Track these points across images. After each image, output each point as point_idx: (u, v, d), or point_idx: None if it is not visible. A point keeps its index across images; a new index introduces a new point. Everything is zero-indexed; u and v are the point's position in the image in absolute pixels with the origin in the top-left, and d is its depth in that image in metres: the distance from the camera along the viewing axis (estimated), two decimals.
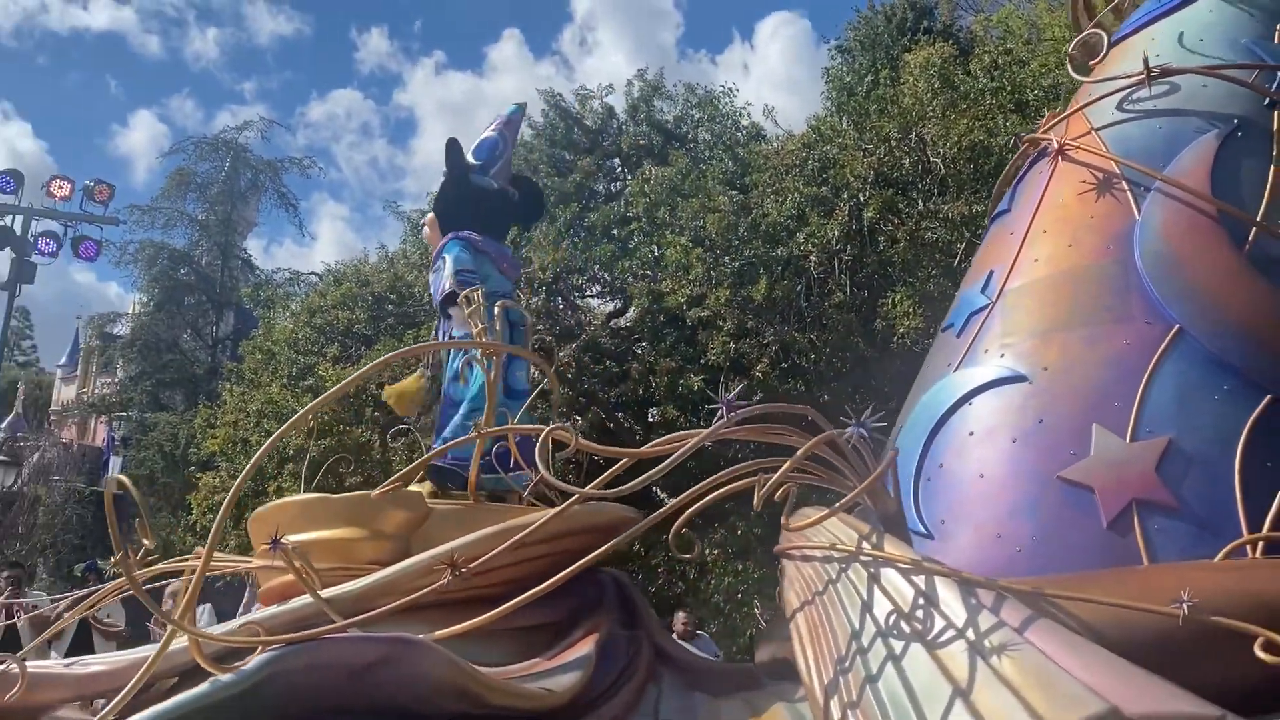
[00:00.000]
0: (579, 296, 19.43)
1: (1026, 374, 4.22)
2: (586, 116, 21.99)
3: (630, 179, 20.18)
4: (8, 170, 21.76)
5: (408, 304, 18.48)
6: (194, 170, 33.37)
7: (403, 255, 20.75)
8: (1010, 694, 2.86)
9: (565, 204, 19.37)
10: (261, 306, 23.27)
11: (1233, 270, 4.13)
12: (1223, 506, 3.69)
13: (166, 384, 31.67)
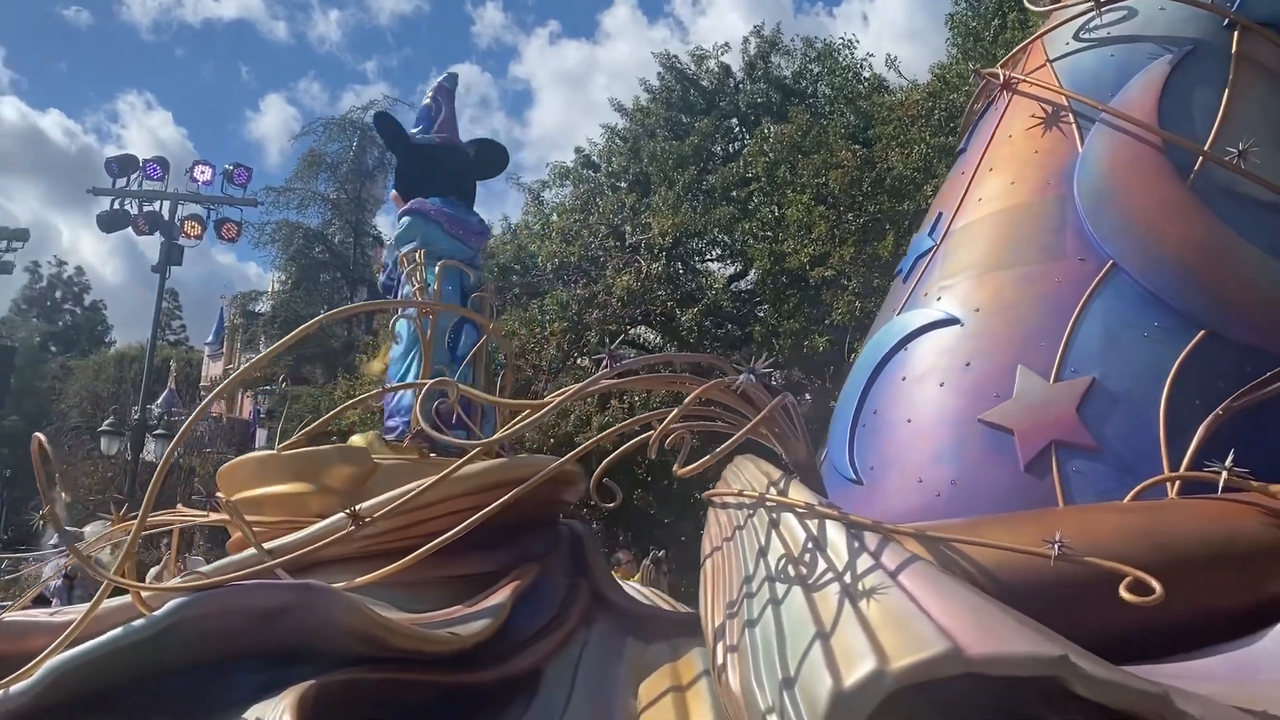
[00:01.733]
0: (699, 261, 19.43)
1: (960, 316, 4.13)
2: (702, 77, 21.83)
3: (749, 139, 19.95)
4: (155, 158, 22.59)
5: (531, 274, 18.73)
6: (324, 151, 34.42)
7: (525, 226, 21.05)
8: (865, 635, 2.83)
9: (683, 167, 19.25)
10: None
11: (1173, 202, 3.95)
12: (1146, 447, 3.57)
13: (307, 358, 32.90)
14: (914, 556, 3.15)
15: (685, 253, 18.35)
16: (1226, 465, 3.25)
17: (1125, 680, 2.60)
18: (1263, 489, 3.20)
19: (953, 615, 2.84)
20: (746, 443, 3.83)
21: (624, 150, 24.33)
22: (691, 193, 19.51)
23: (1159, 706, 2.59)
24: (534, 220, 20.69)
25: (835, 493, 4.26)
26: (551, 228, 20.21)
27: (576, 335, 18.99)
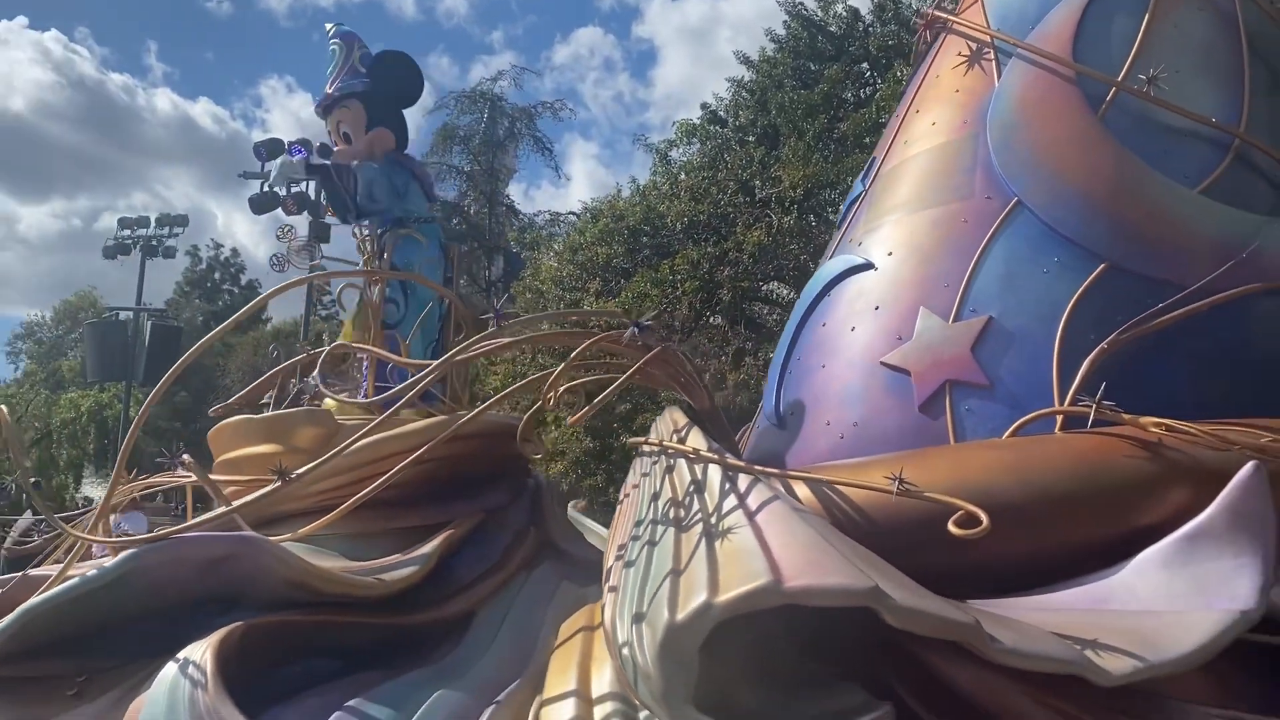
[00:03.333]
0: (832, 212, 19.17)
1: (876, 261, 4.16)
2: (830, 23, 21.36)
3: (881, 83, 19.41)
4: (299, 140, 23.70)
5: (661, 235, 18.79)
6: (456, 124, 35.35)
7: (653, 187, 21.10)
8: (707, 571, 2.97)
9: (812, 117, 18.83)
10: (527, 249, 24.58)
11: (1080, 135, 3.88)
12: (1039, 383, 3.58)
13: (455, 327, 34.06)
14: (774, 497, 3.27)
15: (818, 205, 17.96)
16: (1097, 399, 3.25)
17: (935, 610, 2.69)
18: (1134, 421, 3.19)
19: (788, 551, 2.96)
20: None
21: (751, 103, 23.88)
22: (822, 142, 19.00)
23: (969, 635, 2.67)
24: (662, 180, 20.64)
25: (763, 437, 4.40)
26: (680, 186, 20.06)
27: (708, 294, 18.89)
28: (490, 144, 35.20)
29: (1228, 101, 3.92)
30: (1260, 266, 3.70)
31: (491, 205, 35.75)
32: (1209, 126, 3.83)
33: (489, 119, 35.17)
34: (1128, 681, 2.67)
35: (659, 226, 18.52)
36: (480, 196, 35.70)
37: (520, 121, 35.67)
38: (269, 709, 3.51)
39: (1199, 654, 2.72)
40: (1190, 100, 3.88)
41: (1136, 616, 2.90)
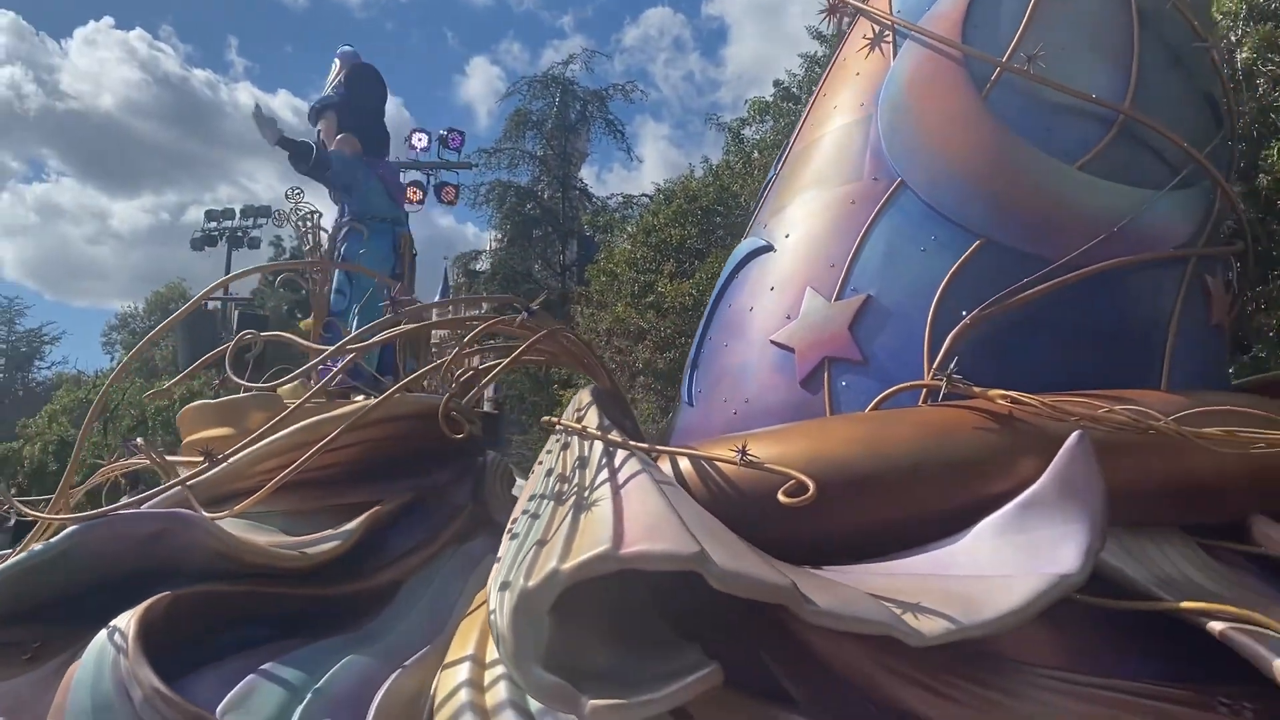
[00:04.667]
0: None
1: (775, 243, 4.29)
2: None
3: None
4: None
5: (735, 214, 18.76)
6: (529, 109, 35.80)
7: (726, 166, 21.04)
8: (564, 541, 3.16)
9: None
10: (600, 231, 24.86)
11: (963, 115, 3.96)
12: (912, 358, 3.70)
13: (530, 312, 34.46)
14: (641, 471, 3.45)
15: None
16: (948, 373, 3.37)
17: (753, 574, 2.85)
18: (983, 394, 3.30)
19: (634, 520, 3.15)
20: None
21: None
22: None
23: (785, 598, 2.83)
24: (735, 159, 20.55)
25: (679, 415, 4.57)
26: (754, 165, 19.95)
27: None
28: (562, 128, 35.45)
29: (1115, 77, 3.97)
30: (1139, 240, 3.77)
31: (565, 189, 36.04)
32: (1091, 103, 3.88)
33: (561, 103, 35.42)
34: (940, 642, 2.81)
35: (733, 206, 18.42)
36: (553, 181, 35.99)
37: (592, 105, 35.91)
38: (196, 673, 3.80)
39: (1014, 616, 2.84)
40: (1077, 77, 3.94)
41: (966, 581, 3.03)
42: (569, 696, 2.97)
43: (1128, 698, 2.97)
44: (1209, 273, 3.99)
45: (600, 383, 4.09)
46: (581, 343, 4.07)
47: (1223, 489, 3.41)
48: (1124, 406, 3.11)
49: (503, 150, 35.10)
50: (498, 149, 35.23)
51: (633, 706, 2.92)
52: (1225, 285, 4.11)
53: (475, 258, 38.34)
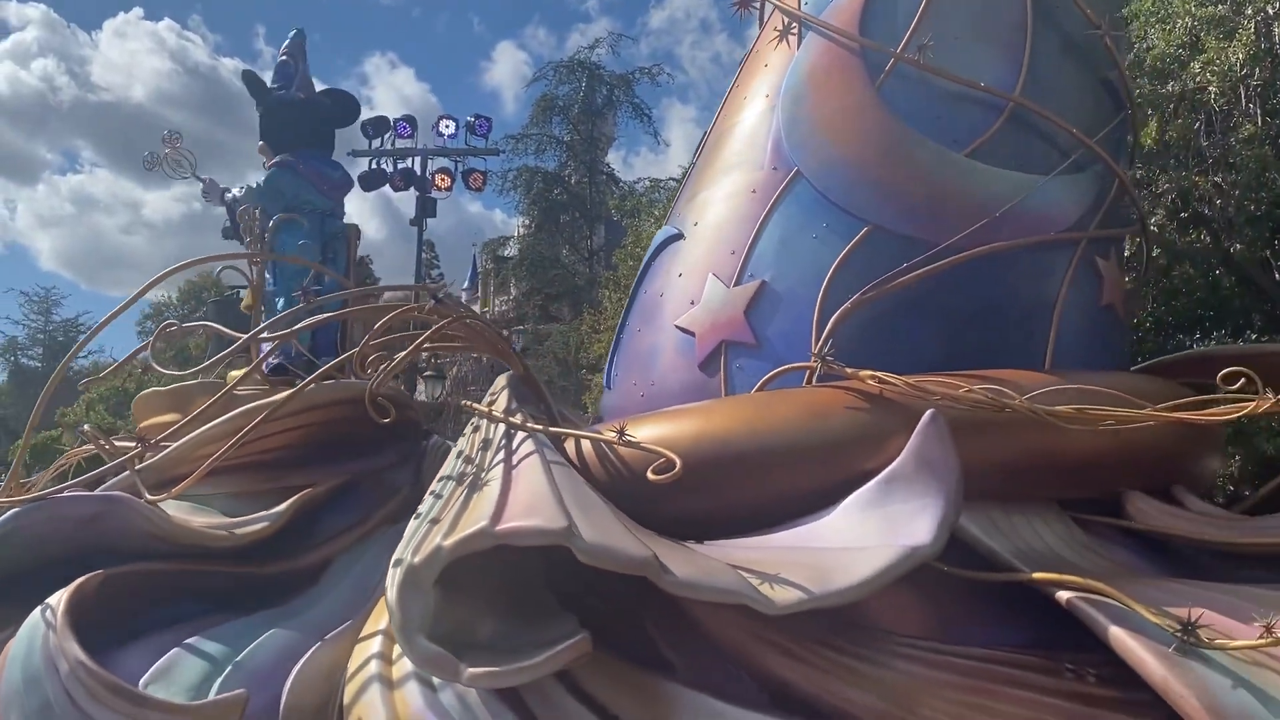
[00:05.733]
0: None
1: (685, 231, 4.43)
2: None
3: None
4: (404, 117, 24.20)
5: None
6: (556, 94, 35.80)
7: None
8: (452, 519, 3.32)
9: None
10: (628, 216, 24.84)
11: (857, 106, 4.08)
12: (801, 341, 3.83)
13: (554, 297, 34.50)
14: (534, 451, 3.61)
15: None
16: (821, 354, 3.51)
17: (616, 547, 3.01)
18: (855, 375, 3.44)
19: (518, 499, 3.32)
20: None
21: None
22: None
23: (646, 570, 2.98)
24: None
25: (603, 398, 4.73)
26: None
27: None
28: (589, 113, 35.33)
29: (1007, 66, 4.07)
30: (1027, 223, 3.89)
31: (592, 174, 36.02)
32: (981, 91, 3.99)
33: (587, 88, 35.32)
34: (792, 611, 2.96)
35: None
36: (580, 166, 36.00)
37: (618, 89, 35.80)
38: (126, 646, 4.00)
39: (865, 586, 2.98)
40: (969, 67, 4.04)
41: (825, 553, 3.17)
42: (449, 665, 3.14)
43: (981, 664, 3.11)
44: (1101, 254, 4.10)
45: (514, 368, 4.24)
46: (493, 329, 4.22)
47: (1095, 466, 3.53)
48: (982, 386, 3.23)
49: (530, 136, 35.09)
50: (525, 135, 35.22)
51: (507, 673, 3.10)
52: (1120, 266, 4.22)
53: (503, 244, 38.41)
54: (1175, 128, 12.33)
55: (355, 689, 3.72)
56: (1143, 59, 12.52)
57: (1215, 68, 12.06)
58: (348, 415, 5.01)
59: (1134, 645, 2.83)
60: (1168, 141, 12.31)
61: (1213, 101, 12.43)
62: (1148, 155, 12.20)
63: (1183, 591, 3.15)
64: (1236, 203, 12.45)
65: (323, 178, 6.22)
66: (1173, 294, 11.78)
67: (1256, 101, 12.31)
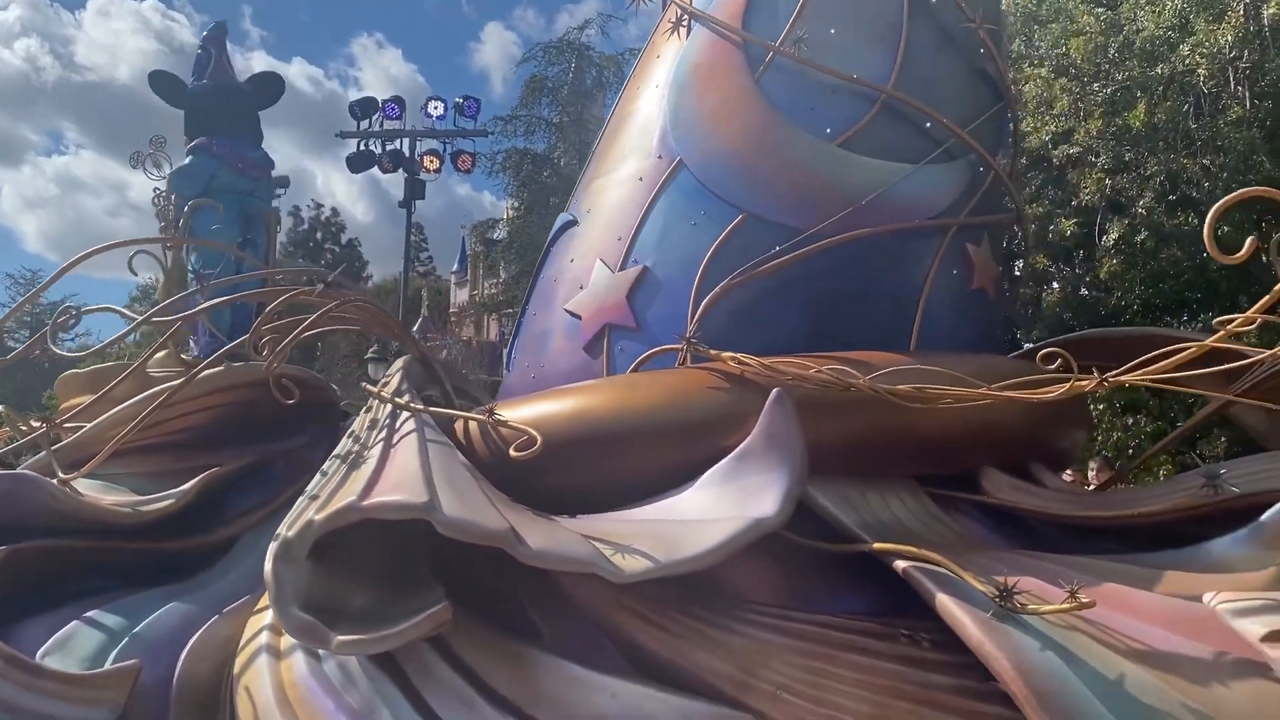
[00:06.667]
0: None
1: (578, 218, 4.57)
2: None
3: None
4: (392, 98, 24.03)
5: None
6: (545, 76, 35.60)
7: None
8: (327, 495, 3.47)
9: None
10: None
11: (736, 97, 4.22)
12: (679, 325, 3.98)
13: None
14: (414, 430, 3.75)
15: None
16: (687, 337, 3.67)
17: (472, 520, 3.16)
18: (717, 356, 3.59)
19: (389, 475, 3.47)
20: None
21: None
22: None
23: (502, 542, 3.14)
24: None
25: (505, 380, 4.87)
26: None
27: None
28: (578, 94, 35.14)
29: (883, 58, 4.22)
30: (897, 211, 4.05)
31: (581, 156, 35.77)
32: (854, 83, 4.14)
33: (576, 69, 35.15)
34: (640, 579, 3.12)
35: None
36: (570, 148, 35.85)
37: (607, 70, 35.58)
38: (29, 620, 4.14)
39: (711, 555, 3.15)
40: (846, 59, 4.19)
41: (678, 525, 3.34)
42: (320, 634, 3.29)
43: (822, 630, 3.28)
44: (972, 241, 4.26)
45: (410, 350, 4.39)
46: (385, 313, 4.36)
47: (949, 443, 3.70)
48: (830, 366, 3.39)
49: (519, 117, 34.91)
50: (514, 116, 35.03)
51: (372, 640, 3.25)
52: (993, 252, 4.38)
53: (492, 226, 38.29)
54: (1164, 110, 12.47)
55: (245, 659, 3.87)
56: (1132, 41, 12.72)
57: (1204, 50, 12.19)
58: (255, 397, 5.15)
59: (955, 610, 3.00)
60: (1156, 124, 12.47)
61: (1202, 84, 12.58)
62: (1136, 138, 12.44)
63: (1015, 561, 3.33)
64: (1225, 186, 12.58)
65: (238, 158, 6.33)
66: (1160, 276, 11.92)
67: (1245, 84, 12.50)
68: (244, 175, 6.34)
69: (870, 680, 3.14)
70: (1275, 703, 2.84)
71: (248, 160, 6.43)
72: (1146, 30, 13.00)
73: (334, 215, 55.75)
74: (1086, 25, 13.19)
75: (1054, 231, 12.59)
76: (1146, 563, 3.39)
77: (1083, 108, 12.94)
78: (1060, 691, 2.83)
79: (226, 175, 6.23)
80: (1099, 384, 3.18)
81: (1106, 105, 12.79)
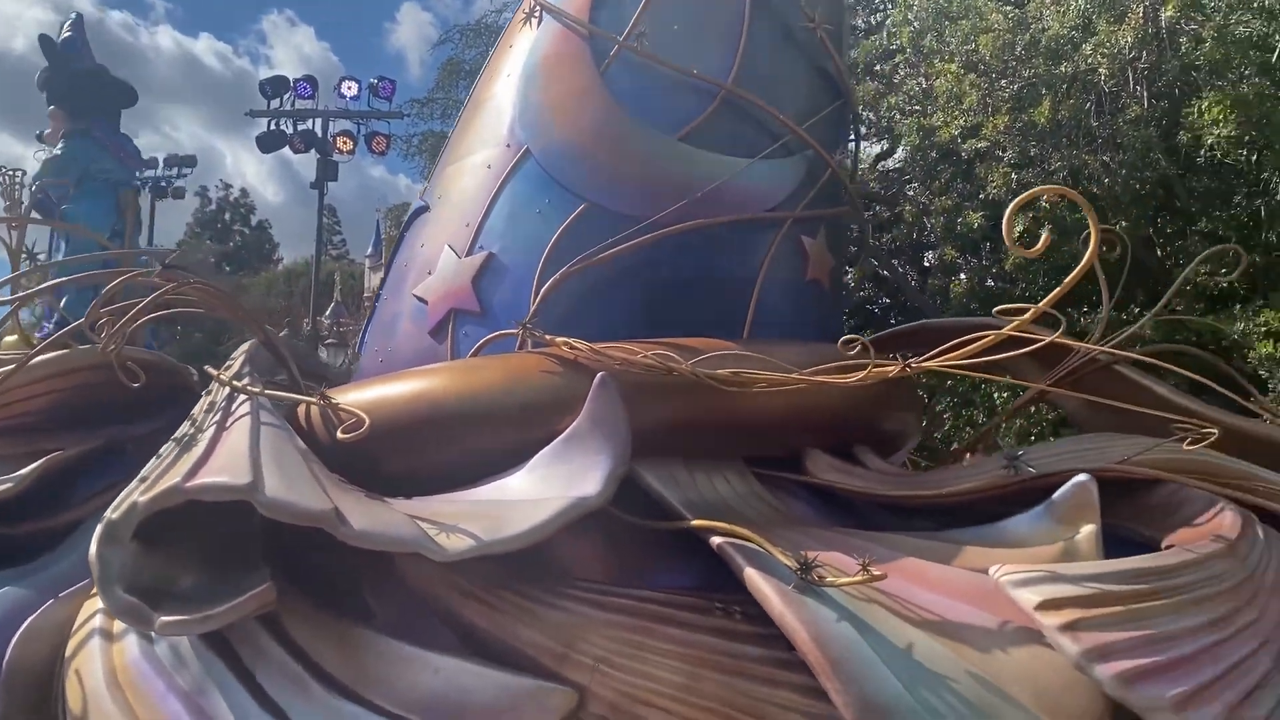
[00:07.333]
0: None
1: (430, 203, 4.63)
2: None
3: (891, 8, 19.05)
4: (305, 77, 23.20)
5: None
6: (462, 58, 34.77)
7: None
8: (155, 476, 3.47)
9: None
10: None
11: (582, 89, 4.32)
12: (521, 310, 4.06)
13: None
14: (248, 414, 3.77)
15: None
16: (523, 323, 3.76)
17: (293, 501, 3.20)
18: (552, 342, 3.69)
19: (218, 456, 3.48)
20: None
21: None
22: None
23: (324, 523, 3.19)
24: None
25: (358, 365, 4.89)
26: None
27: None
28: None
29: (724, 55, 4.36)
30: (733, 203, 4.19)
31: None
32: (694, 78, 4.27)
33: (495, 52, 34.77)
34: (463, 557, 3.21)
35: None
36: None
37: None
38: None
39: (534, 533, 3.26)
40: (688, 55, 4.32)
41: (506, 504, 3.44)
42: (143, 614, 3.30)
43: (644, 605, 3.41)
44: (808, 233, 4.44)
45: (254, 334, 4.38)
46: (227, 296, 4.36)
47: (774, 426, 3.87)
48: (655, 351, 3.52)
49: (435, 100, 34.26)
50: (430, 99, 34.36)
51: (195, 621, 3.27)
52: (829, 245, 4.57)
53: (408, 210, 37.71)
54: (1067, 107, 12.98)
55: (77, 642, 3.84)
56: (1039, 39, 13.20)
57: (1105, 50, 12.74)
58: (99, 380, 5.07)
59: (761, 583, 3.16)
60: (1060, 121, 12.97)
61: (1103, 83, 13.13)
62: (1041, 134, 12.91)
63: (825, 537, 3.51)
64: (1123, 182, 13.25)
65: (120, 147, 6.22)
66: (1062, 270, 12.45)
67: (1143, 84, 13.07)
68: (124, 164, 6.22)
69: (684, 652, 3.29)
70: (1048, 667, 3.06)
71: (127, 151, 6.31)
72: (1052, 29, 13.48)
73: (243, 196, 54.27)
74: (995, 23, 13.65)
75: (962, 224, 13.03)
76: (951, 539, 3.60)
77: (991, 103, 13.40)
78: (853, 660, 3.01)
79: (106, 162, 6.11)
80: (902, 368, 3.37)
81: (1013, 101, 13.29)
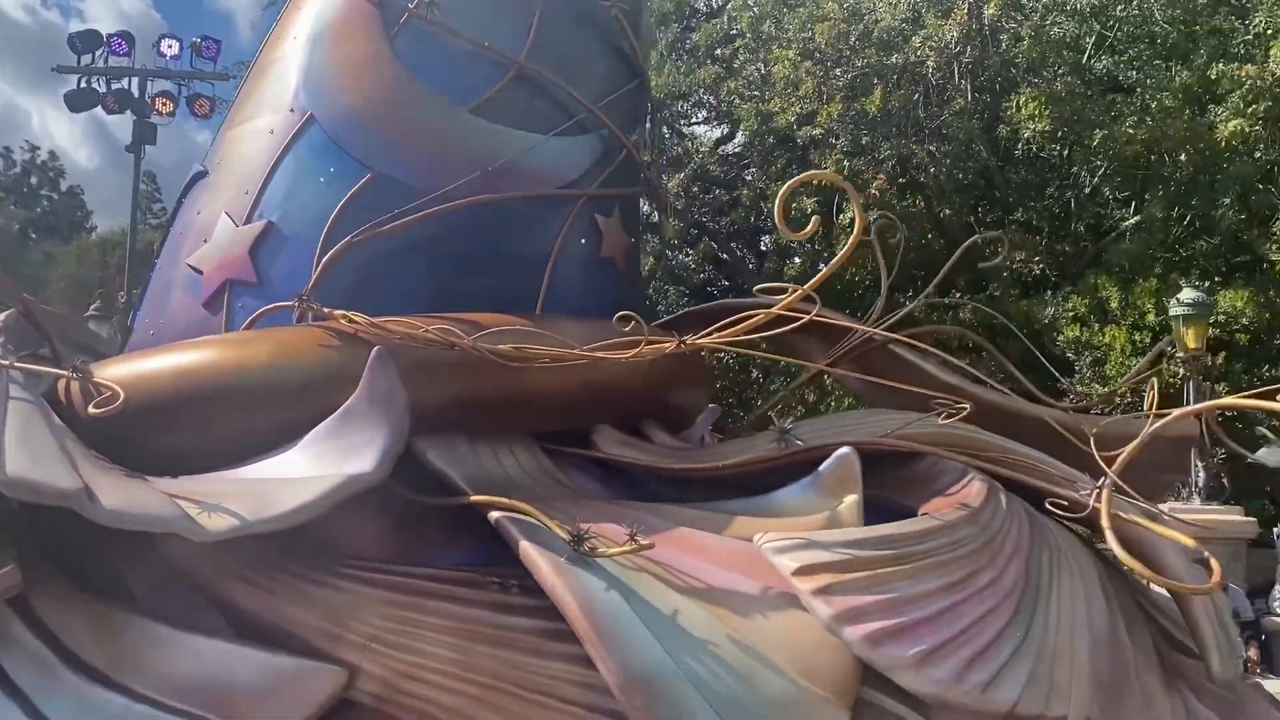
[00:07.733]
0: (685, 124, 19.08)
1: (210, 168, 4.42)
2: None
3: None
4: (120, 32, 20.95)
5: None
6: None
7: None
8: None
9: (665, 25, 18.15)
10: None
11: (369, 56, 4.23)
12: (303, 282, 3.92)
13: None
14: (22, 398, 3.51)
15: (670, 115, 17.76)
16: (301, 296, 3.64)
17: (38, 480, 3.02)
18: (331, 314, 3.59)
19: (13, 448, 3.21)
20: None
21: None
22: (675, 52, 18.61)
23: (72, 503, 3.02)
24: None
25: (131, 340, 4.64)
26: None
27: None
28: None
29: (517, 29, 4.34)
30: (526, 179, 4.18)
31: None
32: (486, 51, 4.23)
33: None
34: (226, 538, 3.11)
35: None
36: None
37: None
38: None
39: (301, 511, 3.18)
40: (480, 27, 4.27)
41: (276, 483, 3.34)
42: None
43: (418, 582, 3.39)
44: (603, 212, 4.49)
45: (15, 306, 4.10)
46: None
47: (564, 402, 3.90)
48: (437, 326, 3.48)
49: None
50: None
51: None
52: (623, 224, 4.63)
53: None
54: (897, 98, 13.60)
55: None
56: (871, 30, 13.77)
57: (933, 43, 13.38)
58: None
59: (535, 556, 3.20)
60: (890, 111, 13.54)
61: (930, 75, 13.80)
62: (872, 123, 13.47)
63: (603, 510, 3.58)
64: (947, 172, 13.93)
65: None
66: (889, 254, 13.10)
67: (968, 78, 13.85)
68: None
69: (456, 626, 3.29)
70: (804, 629, 3.23)
71: None
72: (884, 20, 14.09)
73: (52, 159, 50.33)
74: (831, 11, 14.12)
75: (796, 209, 13.47)
76: (725, 510, 3.73)
77: (825, 91, 13.90)
78: (619, 629, 3.08)
79: None
80: (677, 344, 3.47)
81: (847, 90, 13.83)
